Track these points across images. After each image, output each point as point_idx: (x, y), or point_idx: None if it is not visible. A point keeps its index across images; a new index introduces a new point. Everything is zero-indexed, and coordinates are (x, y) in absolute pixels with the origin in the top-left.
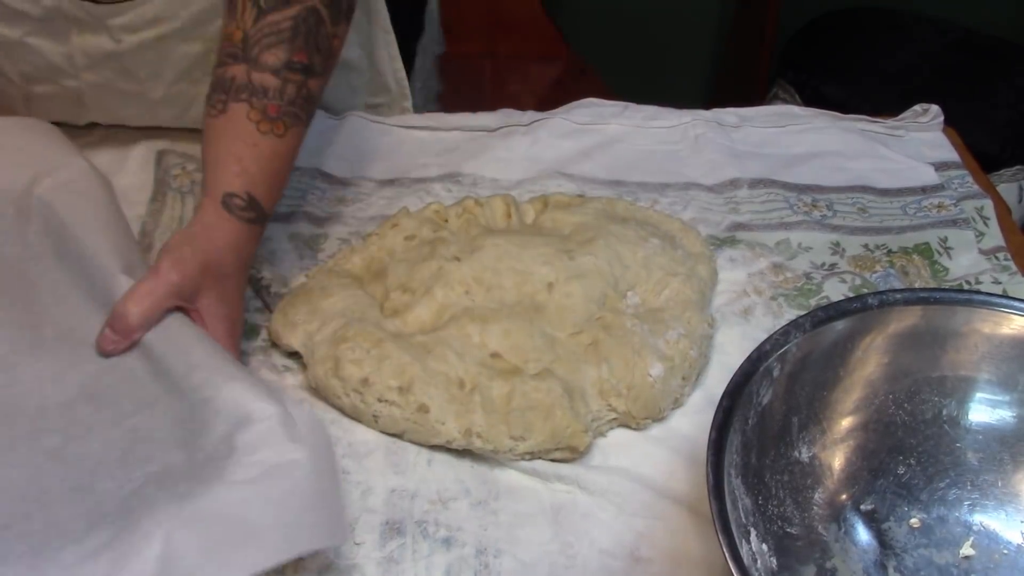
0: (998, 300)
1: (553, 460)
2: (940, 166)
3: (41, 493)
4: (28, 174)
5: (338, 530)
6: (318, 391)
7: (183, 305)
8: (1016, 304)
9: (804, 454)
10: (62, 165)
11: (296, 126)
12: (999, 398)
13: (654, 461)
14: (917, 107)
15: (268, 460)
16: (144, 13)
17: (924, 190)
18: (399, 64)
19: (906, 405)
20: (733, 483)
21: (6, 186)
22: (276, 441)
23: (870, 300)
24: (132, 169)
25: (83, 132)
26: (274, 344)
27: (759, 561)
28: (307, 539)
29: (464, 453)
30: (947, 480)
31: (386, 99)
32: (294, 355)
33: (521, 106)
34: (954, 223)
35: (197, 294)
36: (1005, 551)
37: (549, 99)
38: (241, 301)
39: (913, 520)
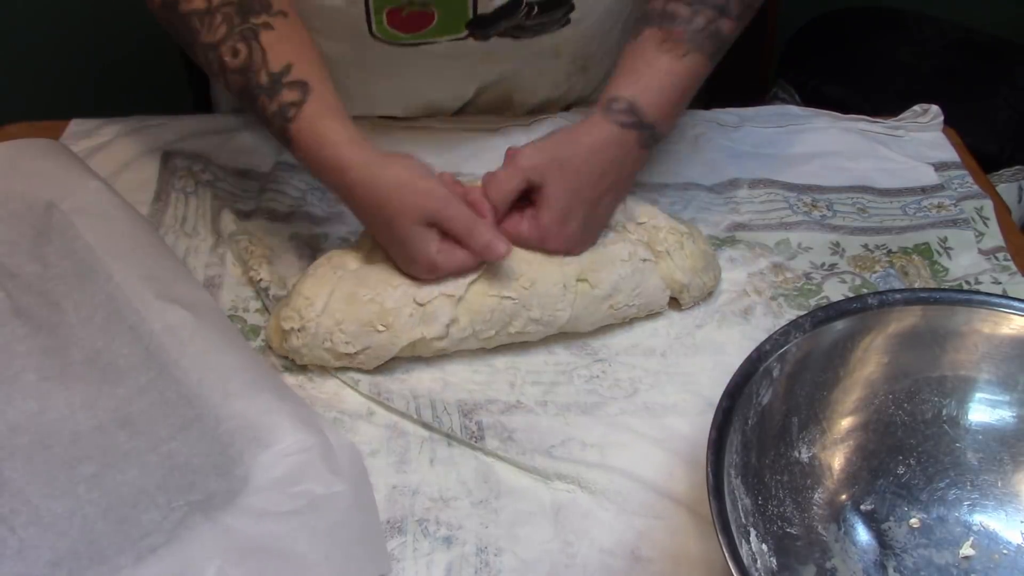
0: (998, 300)
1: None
2: (940, 166)
3: (85, 527)
4: (46, 196)
5: (381, 560)
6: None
7: (532, 186)
8: (1016, 304)
9: (804, 454)
10: (80, 187)
11: (697, 53)
12: (999, 398)
13: (654, 461)
14: (917, 107)
15: (312, 492)
16: (552, 40)
17: (924, 190)
18: None
19: (906, 405)
20: (733, 483)
21: (24, 207)
22: (318, 473)
23: (870, 300)
24: (136, 169)
25: (91, 133)
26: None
27: (759, 561)
28: (355, 571)
29: (465, 453)
30: (947, 480)
31: None
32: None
33: None
34: (954, 223)
35: (544, 181)
36: (1005, 551)
37: None
38: (585, 203)
39: (913, 520)
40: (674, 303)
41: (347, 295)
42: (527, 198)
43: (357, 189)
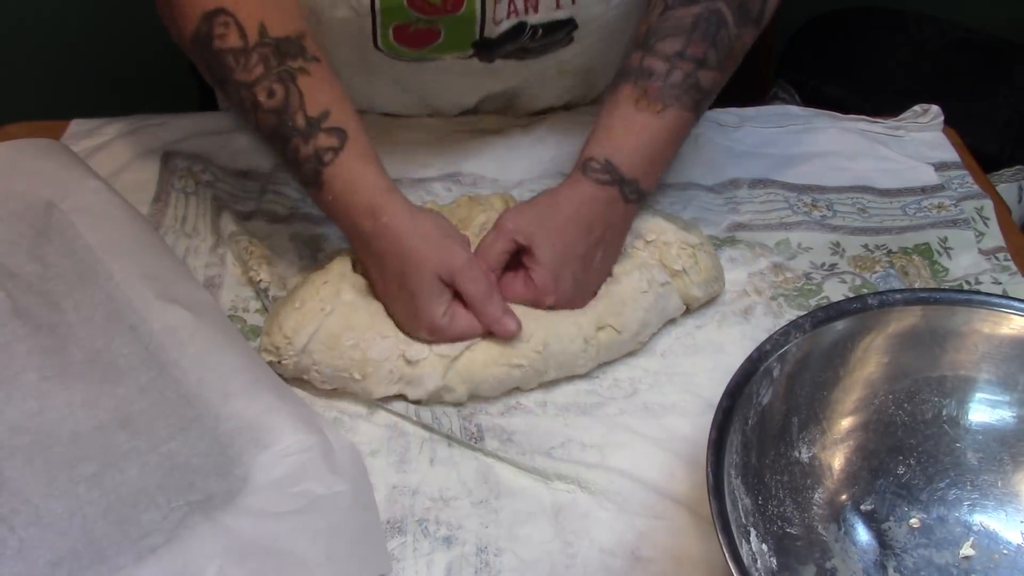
0: (998, 300)
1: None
2: (940, 166)
3: (85, 527)
4: (46, 195)
5: (382, 561)
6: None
7: (520, 247)
8: (1016, 304)
9: (804, 454)
10: (80, 187)
11: (676, 108)
12: (999, 398)
13: (654, 461)
14: (917, 107)
15: (313, 492)
16: (555, 57)
17: (924, 190)
18: None
19: (906, 405)
20: (733, 483)
21: (24, 207)
22: (318, 473)
23: (870, 300)
24: (136, 169)
25: (91, 133)
26: None
27: (759, 561)
28: (355, 571)
29: (465, 453)
30: (947, 480)
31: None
32: None
33: None
34: (954, 223)
35: (531, 241)
36: (1005, 551)
37: None
38: (576, 260)
39: (913, 520)
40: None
41: (330, 336)
42: (520, 263)
43: (385, 234)
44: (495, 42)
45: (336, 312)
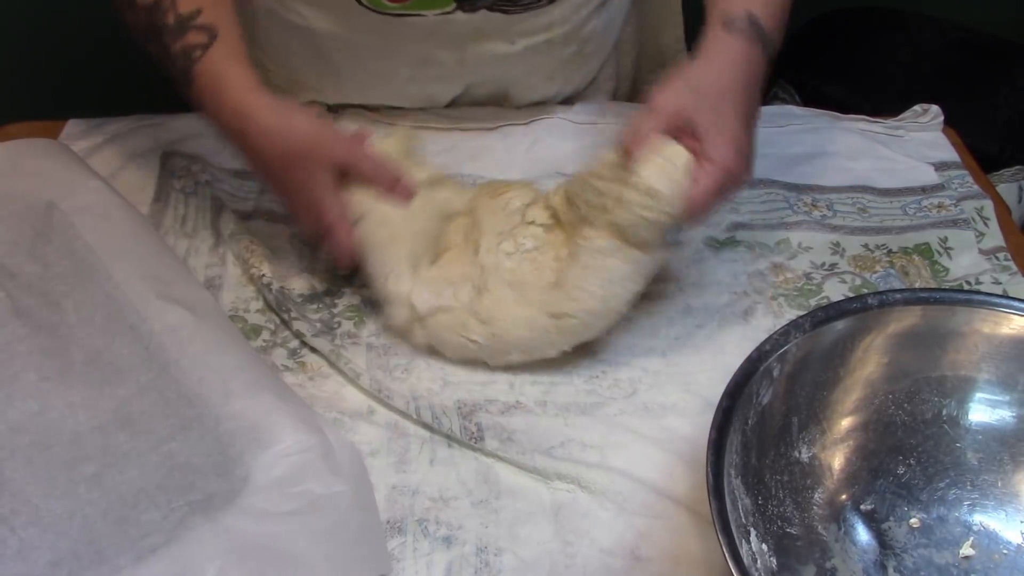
0: (998, 300)
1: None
2: (940, 166)
3: (85, 527)
4: (46, 196)
5: (382, 561)
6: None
7: (680, 130)
8: (1016, 304)
9: (804, 454)
10: (80, 188)
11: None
12: (999, 398)
13: (654, 461)
14: (917, 107)
15: (313, 492)
16: (543, 17)
17: (924, 190)
18: (680, 36)
19: (906, 405)
20: (733, 483)
21: (24, 207)
22: (318, 473)
23: (870, 300)
24: (136, 169)
25: (89, 133)
26: (275, 344)
27: (759, 561)
28: (355, 571)
29: (465, 453)
30: (947, 480)
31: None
32: (294, 355)
33: None
34: (954, 223)
35: (696, 119)
36: (1005, 551)
37: None
38: (739, 118)
39: (913, 520)
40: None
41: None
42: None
43: (261, 137)
44: None
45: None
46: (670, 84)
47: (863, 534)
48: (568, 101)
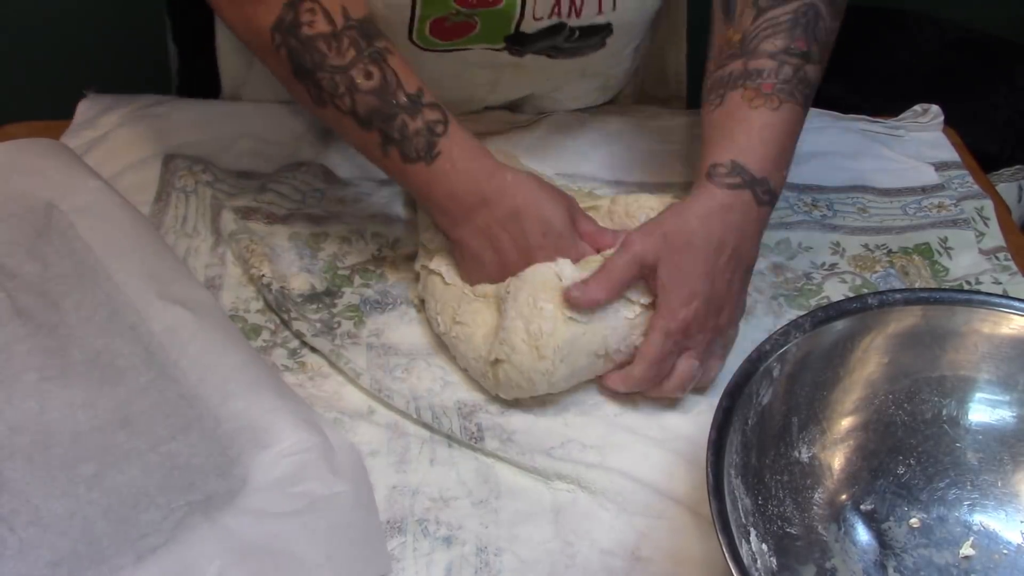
0: (998, 300)
1: None
2: (940, 166)
3: (85, 527)
4: (46, 195)
5: (382, 561)
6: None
7: (644, 275)
8: (1016, 304)
9: (804, 454)
10: (80, 187)
11: (791, 103)
12: (999, 398)
13: (654, 461)
14: (917, 107)
15: (313, 492)
16: (583, 60)
17: (924, 190)
18: (683, 59)
19: (906, 405)
20: (733, 483)
21: (24, 207)
22: (318, 473)
23: (870, 300)
24: (137, 169)
25: (89, 130)
26: (275, 344)
27: (759, 561)
28: (355, 571)
29: (465, 453)
30: (947, 480)
31: (664, 93)
32: (294, 355)
33: None
34: (954, 223)
35: (656, 264)
36: (1005, 551)
37: None
38: (705, 271)
39: (913, 520)
40: None
41: None
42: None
43: (512, 188)
44: (530, 37)
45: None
46: (647, 228)
47: (863, 534)
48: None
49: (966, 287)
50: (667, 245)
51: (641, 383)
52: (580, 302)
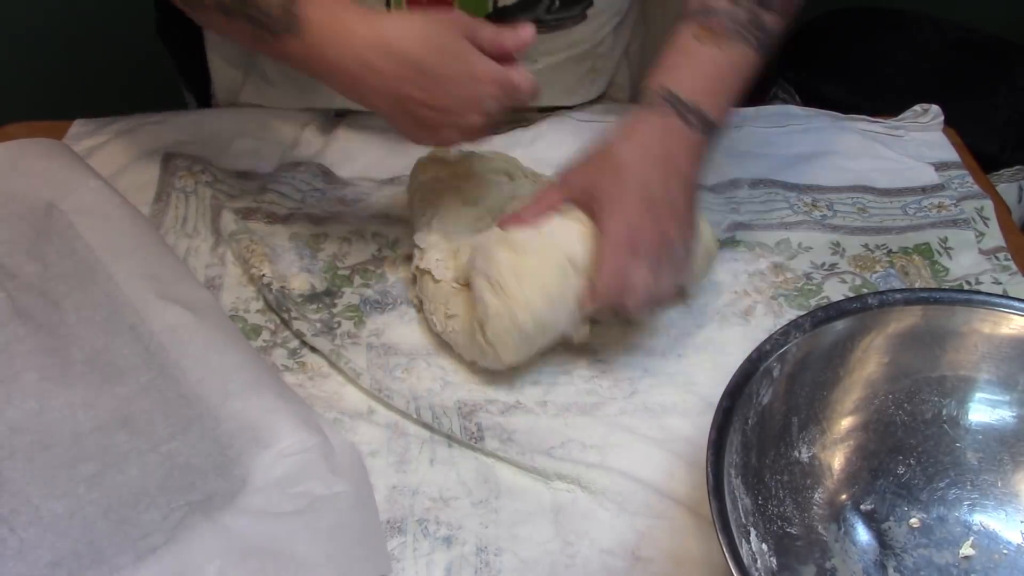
0: (998, 300)
1: None
2: (940, 166)
3: (85, 527)
4: (46, 196)
5: (382, 561)
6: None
7: (581, 200)
8: (1016, 304)
9: (804, 454)
10: (81, 187)
11: (741, 45)
12: (999, 398)
13: (654, 461)
14: (917, 107)
15: (313, 492)
16: (566, 37)
17: (924, 190)
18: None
19: (906, 405)
20: (733, 483)
21: (25, 207)
22: (319, 473)
23: (870, 300)
24: (136, 170)
25: (90, 133)
26: (275, 344)
27: (759, 561)
28: (355, 571)
29: (465, 453)
30: (947, 480)
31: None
32: (294, 355)
33: None
34: (954, 223)
35: (592, 187)
36: (1005, 551)
37: None
38: (641, 192)
39: (913, 520)
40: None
41: None
42: None
43: (389, 28)
44: (510, 10)
45: None
46: (576, 158)
47: (863, 534)
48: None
49: (966, 287)
50: (597, 167)
51: (603, 295)
52: (507, 220)
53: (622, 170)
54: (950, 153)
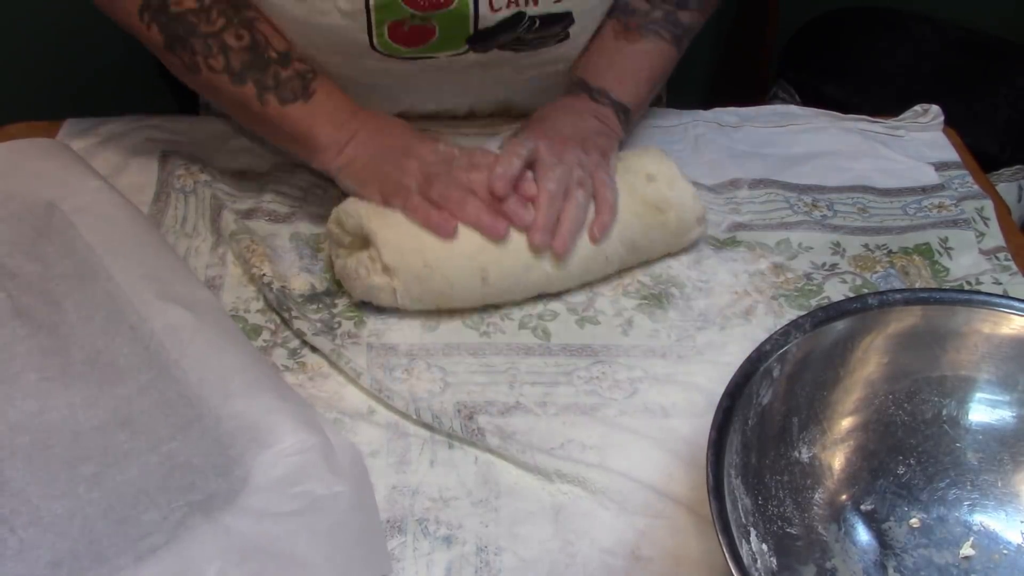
0: (998, 300)
1: None
2: (940, 166)
3: (85, 527)
4: (47, 196)
5: (382, 561)
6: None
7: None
8: (1016, 304)
9: (804, 454)
10: (81, 187)
11: (653, 39)
12: (999, 398)
13: (655, 461)
14: (917, 107)
15: (313, 492)
16: (551, 53)
17: (924, 190)
18: None
19: (906, 405)
20: (733, 483)
21: (25, 207)
22: (319, 473)
23: (870, 300)
24: (135, 170)
25: (87, 133)
26: (275, 344)
27: (759, 561)
28: (355, 572)
29: (465, 454)
30: (947, 480)
31: None
32: (294, 355)
33: None
34: (954, 223)
35: (535, 150)
36: (1005, 551)
37: None
38: (576, 151)
39: (913, 520)
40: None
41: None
42: None
43: (376, 114)
44: (491, 31)
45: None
46: (526, 130)
47: (863, 534)
48: None
49: (966, 287)
50: (539, 131)
51: (543, 224)
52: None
53: (553, 125)
54: (950, 153)
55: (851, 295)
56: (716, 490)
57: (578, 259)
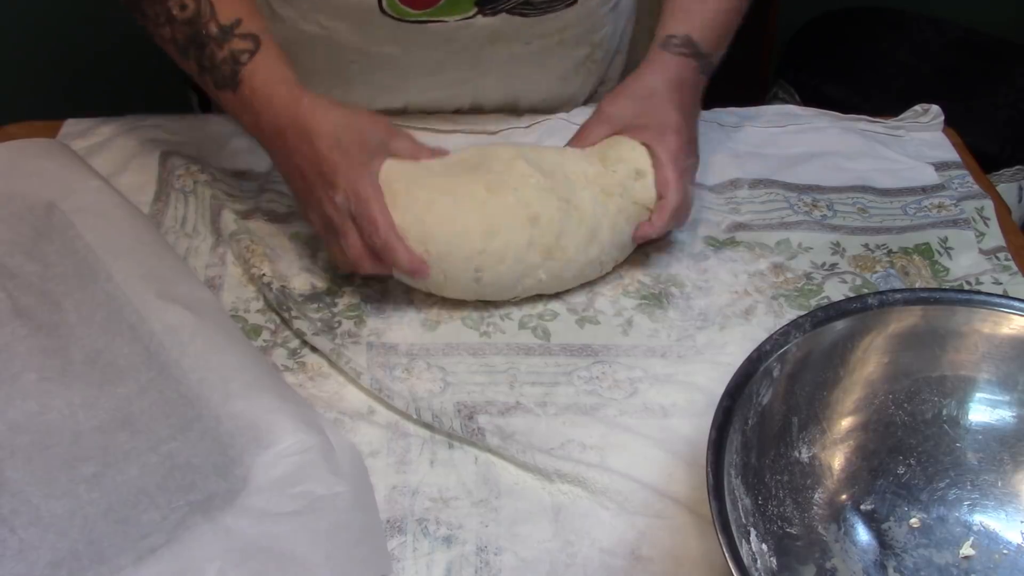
0: (998, 300)
1: None
2: (940, 166)
3: (85, 527)
4: (47, 195)
5: (382, 562)
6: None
7: (621, 131)
8: (1016, 304)
9: (804, 454)
10: (81, 187)
11: None
12: (999, 398)
13: (654, 461)
14: (917, 107)
15: (313, 492)
16: (559, 20)
17: (924, 190)
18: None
19: (906, 405)
20: (733, 483)
21: (25, 207)
22: (319, 473)
23: (870, 300)
24: (135, 170)
25: (87, 133)
26: (275, 344)
27: (759, 561)
28: (355, 572)
29: (465, 455)
30: (947, 480)
31: None
32: (294, 355)
33: None
34: (954, 223)
35: (633, 118)
36: (1005, 551)
37: None
38: (677, 111)
39: (913, 520)
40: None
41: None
42: None
43: (314, 112)
44: None
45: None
46: (613, 93)
47: (863, 534)
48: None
49: (966, 287)
50: (635, 100)
51: (677, 217)
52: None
53: (659, 99)
54: (950, 153)
55: (851, 295)
56: (716, 490)
57: (574, 267)
